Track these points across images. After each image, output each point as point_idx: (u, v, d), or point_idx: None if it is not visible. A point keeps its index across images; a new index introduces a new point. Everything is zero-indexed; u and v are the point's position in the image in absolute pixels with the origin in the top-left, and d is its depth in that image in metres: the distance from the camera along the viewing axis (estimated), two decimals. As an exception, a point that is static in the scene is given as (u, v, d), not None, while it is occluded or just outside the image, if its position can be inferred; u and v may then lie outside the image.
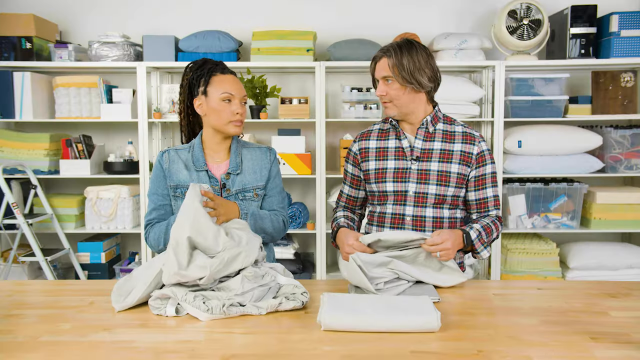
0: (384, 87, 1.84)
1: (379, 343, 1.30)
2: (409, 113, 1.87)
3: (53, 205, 3.49)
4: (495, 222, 1.90)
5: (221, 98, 1.82)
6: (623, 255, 3.34)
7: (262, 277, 1.57)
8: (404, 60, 1.80)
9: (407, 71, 1.80)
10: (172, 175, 1.87)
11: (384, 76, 1.84)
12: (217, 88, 1.83)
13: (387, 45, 1.86)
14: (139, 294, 1.54)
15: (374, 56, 1.89)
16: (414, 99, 1.85)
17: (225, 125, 1.84)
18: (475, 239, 1.81)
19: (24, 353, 1.26)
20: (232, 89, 1.84)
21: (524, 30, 3.35)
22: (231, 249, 1.54)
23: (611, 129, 3.37)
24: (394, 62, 1.80)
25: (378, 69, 1.86)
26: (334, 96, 3.73)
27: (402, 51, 1.81)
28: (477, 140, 1.90)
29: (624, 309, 1.56)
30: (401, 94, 1.82)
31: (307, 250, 3.85)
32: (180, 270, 1.48)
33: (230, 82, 1.85)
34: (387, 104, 1.86)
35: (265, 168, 1.93)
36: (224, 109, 1.82)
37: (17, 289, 1.77)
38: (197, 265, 1.49)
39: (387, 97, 1.84)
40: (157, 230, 1.83)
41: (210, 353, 1.25)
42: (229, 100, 1.83)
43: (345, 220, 1.99)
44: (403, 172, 1.88)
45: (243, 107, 1.87)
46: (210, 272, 1.48)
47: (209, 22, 3.69)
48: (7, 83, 3.39)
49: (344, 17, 3.71)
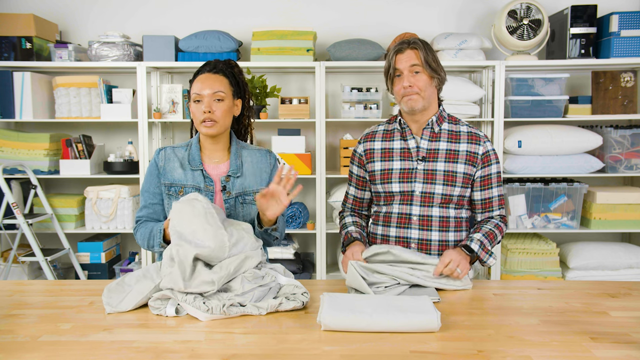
0: (412, 78, 1.84)
1: (379, 343, 1.30)
2: (428, 107, 1.89)
3: (53, 205, 3.49)
4: (499, 225, 1.90)
5: (193, 99, 1.82)
6: (623, 255, 3.34)
7: (262, 278, 1.57)
8: (430, 54, 1.85)
9: (434, 63, 1.85)
10: (167, 173, 1.85)
11: (413, 65, 1.83)
12: (193, 90, 1.82)
13: (407, 39, 1.88)
14: (133, 302, 1.53)
15: (398, 48, 1.87)
16: (433, 94, 1.89)
17: (199, 126, 1.82)
18: (479, 249, 1.82)
19: (24, 353, 1.26)
20: (200, 88, 1.79)
21: (524, 30, 3.35)
22: (236, 256, 1.54)
23: (611, 129, 3.37)
24: (424, 54, 1.83)
25: (404, 59, 1.85)
26: (334, 96, 3.73)
27: (426, 45, 1.86)
28: (482, 140, 1.90)
29: (624, 309, 1.56)
30: (428, 85, 1.85)
31: (307, 250, 3.85)
32: (187, 289, 1.48)
33: (201, 82, 1.80)
34: (414, 95, 1.84)
35: (266, 172, 1.92)
36: (195, 111, 1.81)
37: (17, 289, 1.77)
38: (203, 280, 1.49)
39: (415, 88, 1.84)
40: (143, 232, 1.82)
41: (210, 353, 1.26)
42: (198, 101, 1.81)
43: (356, 228, 1.98)
44: (409, 172, 1.88)
45: (218, 105, 1.79)
46: (218, 286, 1.49)
47: (209, 22, 3.69)
48: (7, 83, 3.39)
49: (344, 17, 3.72)
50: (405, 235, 1.89)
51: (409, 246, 1.88)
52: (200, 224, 1.54)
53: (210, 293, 1.49)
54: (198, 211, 1.56)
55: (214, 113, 1.78)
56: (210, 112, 1.78)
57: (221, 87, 1.81)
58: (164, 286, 1.51)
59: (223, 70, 1.84)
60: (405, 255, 1.74)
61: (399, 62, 1.86)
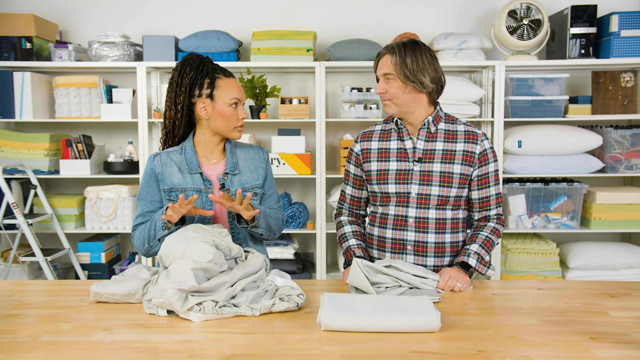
0: (384, 84, 1.84)
1: (379, 343, 1.30)
2: (408, 113, 1.86)
3: (53, 205, 3.49)
4: (495, 229, 1.91)
5: (229, 103, 1.80)
6: (623, 255, 3.34)
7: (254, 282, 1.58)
8: (407, 59, 1.79)
9: (409, 70, 1.79)
10: (166, 178, 1.83)
11: (385, 73, 1.83)
12: (225, 93, 1.80)
13: (392, 43, 1.86)
14: (123, 288, 1.59)
15: (377, 53, 1.88)
16: (414, 99, 1.84)
17: (231, 130, 1.83)
18: (476, 264, 1.84)
19: (24, 353, 1.26)
20: (239, 94, 1.83)
21: (524, 30, 3.35)
22: (244, 279, 1.56)
23: (611, 129, 3.37)
24: (397, 60, 1.80)
25: (380, 65, 1.86)
26: (334, 96, 3.73)
27: (407, 49, 1.81)
28: (479, 138, 1.88)
29: (624, 309, 1.56)
30: (401, 92, 1.82)
31: (307, 250, 3.85)
32: (200, 284, 1.49)
33: (237, 87, 1.84)
34: (386, 101, 1.85)
35: (261, 167, 1.93)
36: (231, 115, 1.81)
37: (17, 289, 1.77)
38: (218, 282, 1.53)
39: (387, 95, 1.84)
40: (141, 230, 1.82)
41: (210, 353, 1.26)
42: (235, 105, 1.82)
43: (357, 242, 1.96)
44: (405, 173, 1.87)
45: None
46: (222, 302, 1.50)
47: (209, 22, 3.69)
48: (7, 83, 3.39)
49: (344, 17, 3.72)
50: (402, 237, 1.89)
51: (405, 248, 1.89)
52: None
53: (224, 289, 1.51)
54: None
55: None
56: (243, 118, 1.85)
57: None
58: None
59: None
60: (407, 268, 1.76)
61: (377, 68, 1.87)
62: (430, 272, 1.78)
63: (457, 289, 1.74)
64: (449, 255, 1.90)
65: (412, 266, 1.78)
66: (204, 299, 1.46)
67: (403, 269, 1.75)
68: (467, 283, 1.77)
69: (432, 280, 1.75)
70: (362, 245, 1.96)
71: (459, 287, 1.75)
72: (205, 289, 1.49)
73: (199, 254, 1.51)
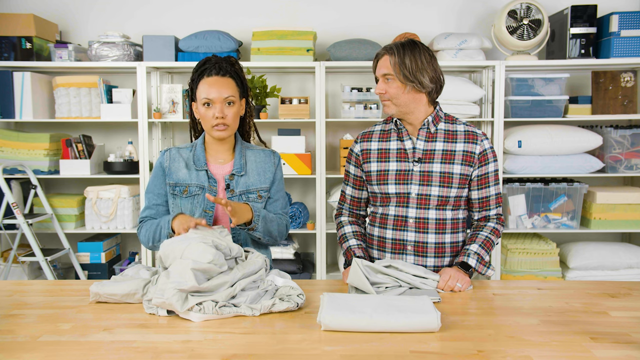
0: (384, 85, 1.84)
1: (379, 343, 1.30)
2: (408, 113, 1.86)
3: (53, 205, 3.49)
4: (495, 229, 1.91)
5: (202, 103, 1.81)
6: (623, 255, 3.34)
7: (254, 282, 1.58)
8: (406, 59, 1.79)
9: (408, 70, 1.79)
10: (172, 173, 1.87)
11: (384, 74, 1.83)
12: (200, 93, 1.81)
13: (390, 44, 1.86)
14: (123, 287, 1.59)
15: (376, 53, 1.88)
16: (414, 99, 1.84)
17: (210, 130, 1.83)
18: (476, 264, 1.84)
19: (24, 353, 1.26)
20: (210, 92, 1.78)
21: (524, 30, 3.35)
22: (244, 279, 1.56)
23: (611, 129, 3.37)
24: (396, 60, 1.80)
25: (379, 66, 1.86)
26: (334, 96, 3.73)
27: (405, 50, 1.81)
28: (479, 138, 1.88)
29: (624, 309, 1.56)
30: (400, 92, 1.82)
31: (307, 250, 3.85)
32: (200, 284, 1.49)
33: (211, 86, 1.79)
34: (386, 102, 1.86)
35: (270, 171, 1.92)
36: (205, 114, 1.81)
37: (17, 289, 1.77)
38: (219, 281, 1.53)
39: (386, 95, 1.84)
40: (149, 227, 1.84)
41: (210, 353, 1.26)
42: (208, 105, 1.80)
43: (357, 242, 1.96)
44: (405, 174, 1.87)
45: (229, 109, 1.80)
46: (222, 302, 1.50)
47: (209, 22, 3.69)
48: (7, 83, 3.39)
49: (344, 17, 3.72)
50: (402, 237, 1.89)
51: (405, 248, 1.89)
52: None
53: (224, 289, 1.51)
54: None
55: (226, 117, 1.80)
56: (223, 117, 1.79)
57: (231, 91, 1.81)
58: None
59: (230, 72, 1.83)
60: (407, 268, 1.76)
61: (377, 68, 1.87)
62: (430, 272, 1.78)
63: (457, 289, 1.74)
64: (449, 256, 1.90)
65: (412, 266, 1.78)
66: (204, 299, 1.46)
67: (403, 269, 1.75)
68: (467, 283, 1.77)
69: (432, 281, 1.75)
70: (363, 245, 1.96)
71: (459, 287, 1.75)
72: (205, 289, 1.49)
73: (198, 255, 1.51)
